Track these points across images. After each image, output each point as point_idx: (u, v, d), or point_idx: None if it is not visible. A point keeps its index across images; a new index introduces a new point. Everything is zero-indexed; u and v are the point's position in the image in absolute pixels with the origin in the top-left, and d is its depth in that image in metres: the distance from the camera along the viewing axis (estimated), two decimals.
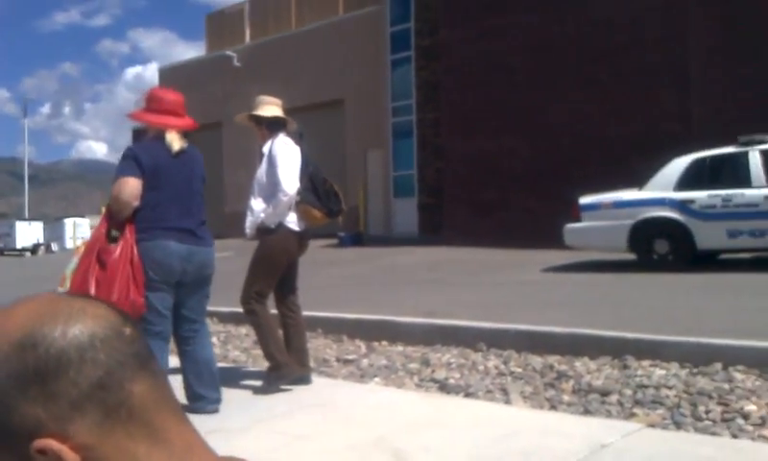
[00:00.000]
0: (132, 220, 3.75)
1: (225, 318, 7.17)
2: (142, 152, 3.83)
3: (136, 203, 3.74)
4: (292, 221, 4.41)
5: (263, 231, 4.44)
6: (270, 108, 4.57)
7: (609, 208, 9.16)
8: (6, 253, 37.69)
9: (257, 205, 4.45)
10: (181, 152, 3.90)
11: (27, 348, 0.60)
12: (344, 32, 20.98)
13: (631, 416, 3.69)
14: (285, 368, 4.41)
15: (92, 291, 3.56)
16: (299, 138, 4.58)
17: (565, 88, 13.46)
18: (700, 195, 8.63)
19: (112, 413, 0.61)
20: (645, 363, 4.45)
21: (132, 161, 3.77)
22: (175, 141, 3.87)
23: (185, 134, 4.01)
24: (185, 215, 3.88)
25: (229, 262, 7.17)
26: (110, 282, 3.59)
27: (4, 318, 0.62)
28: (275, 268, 4.46)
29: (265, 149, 4.50)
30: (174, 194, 3.84)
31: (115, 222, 3.76)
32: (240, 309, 7.23)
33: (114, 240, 3.71)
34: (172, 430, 0.64)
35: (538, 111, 13.77)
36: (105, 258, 3.62)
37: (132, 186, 3.72)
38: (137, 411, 0.63)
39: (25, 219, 43.43)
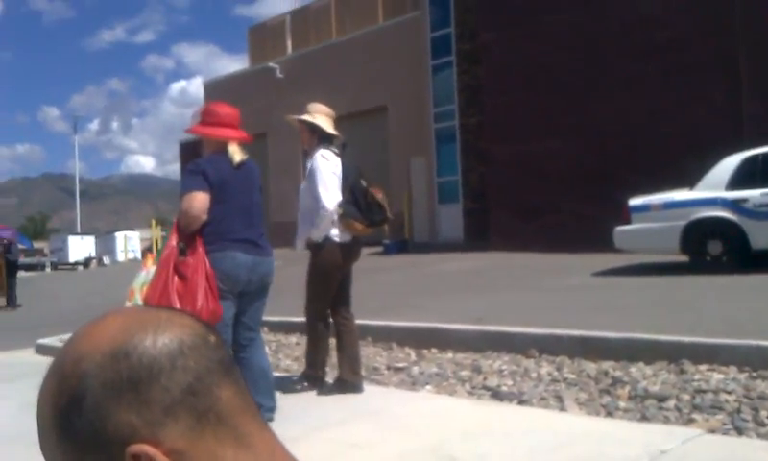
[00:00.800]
0: (199, 233, 3.83)
1: (275, 327, 7.26)
2: (209, 166, 3.89)
3: (205, 217, 3.81)
4: (336, 234, 4.49)
5: (311, 246, 4.55)
6: (320, 117, 4.63)
7: (659, 210, 8.99)
8: (59, 266, 38.69)
9: (303, 220, 4.58)
10: (242, 163, 3.97)
11: (120, 358, 0.62)
12: (384, 39, 21.07)
13: (689, 422, 3.62)
14: (318, 382, 4.70)
15: (176, 303, 3.63)
16: (341, 150, 4.64)
17: (611, 87, 13.28)
18: (753, 194, 8.42)
19: (202, 418, 0.62)
20: (702, 367, 4.36)
21: (199, 176, 3.84)
22: (237, 153, 3.95)
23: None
24: (249, 226, 3.96)
25: (279, 272, 7.23)
26: (193, 293, 3.66)
27: (94, 330, 0.65)
28: (328, 284, 4.58)
29: (307, 164, 4.59)
30: (237, 206, 3.92)
31: (183, 235, 3.83)
32: (291, 318, 7.37)
33: (182, 253, 3.79)
34: (255, 435, 0.66)
35: (583, 112, 13.60)
36: (183, 271, 3.70)
37: (200, 201, 3.79)
38: (225, 416, 0.64)
39: (77, 233, 44.58)
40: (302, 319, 7.21)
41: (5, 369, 6.76)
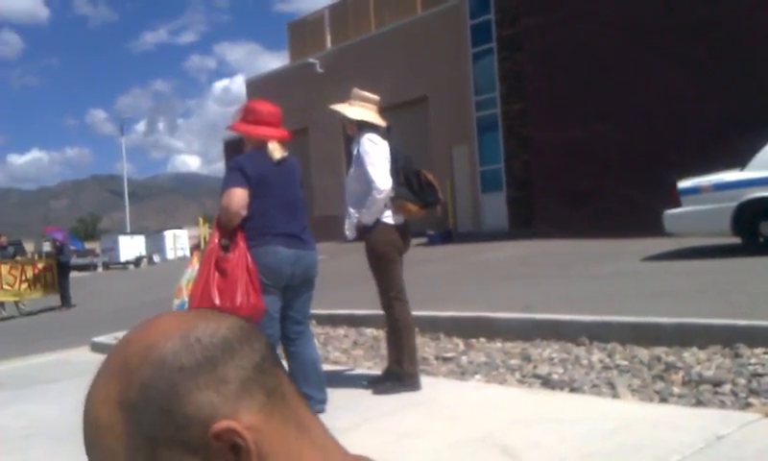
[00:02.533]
0: (241, 228, 3.90)
1: (322, 320, 7.32)
2: (247, 162, 3.97)
3: (244, 212, 3.88)
4: (388, 216, 4.44)
5: (362, 231, 4.48)
6: (361, 110, 4.59)
7: (710, 191, 8.79)
8: (111, 266, 39.61)
9: (353, 205, 4.51)
10: (283, 160, 4.03)
11: (192, 341, 0.63)
12: (424, 29, 20.99)
13: (746, 406, 3.54)
14: (408, 379, 4.40)
15: (216, 299, 3.71)
16: (386, 133, 4.57)
17: (658, 67, 12.99)
18: None
19: (272, 395, 0.64)
20: (758, 351, 4.26)
21: (238, 173, 3.92)
22: (276, 150, 4.00)
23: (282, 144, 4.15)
24: (291, 221, 4.01)
25: (323, 265, 7.30)
26: (233, 289, 3.73)
27: (152, 327, 0.66)
28: (390, 262, 4.45)
29: (354, 150, 4.54)
30: (278, 201, 3.97)
31: (225, 231, 3.91)
32: (338, 311, 7.42)
33: (226, 249, 3.86)
34: (310, 419, 0.68)
35: (629, 94, 13.35)
36: (224, 267, 3.77)
37: (239, 197, 3.87)
38: (288, 397, 0.66)
39: (127, 233, 45.54)
40: (349, 311, 7.32)
41: (61, 367, 6.97)
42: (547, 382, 4.39)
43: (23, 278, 14.98)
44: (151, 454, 0.60)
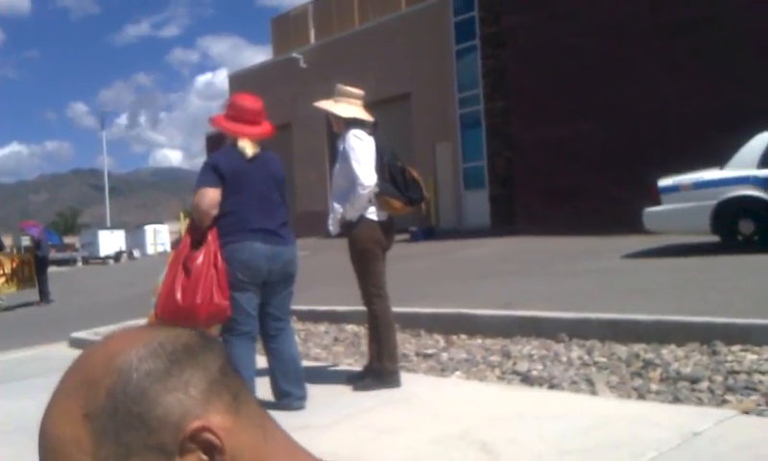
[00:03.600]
0: (213, 226, 3.88)
1: (304, 316, 7.30)
2: (221, 159, 3.97)
3: (215, 212, 3.87)
4: (372, 212, 4.41)
5: (346, 227, 4.46)
6: (349, 107, 4.56)
7: (689, 190, 8.87)
8: (90, 261, 39.28)
9: (338, 201, 4.49)
10: (255, 157, 4.00)
11: (156, 347, 0.63)
12: (407, 25, 20.99)
13: (723, 403, 3.58)
14: (389, 377, 4.39)
15: (179, 297, 3.70)
16: (373, 129, 4.55)
17: (639, 66, 13.09)
18: None
19: (237, 396, 0.65)
20: (735, 348, 4.30)
21: (211, 171, 3.92)
22: (247, 148, 3.99)
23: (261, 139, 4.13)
24: (268, 217, 3.99)
25: (305, 261, 7.28)
26: (194, 287, 3.72)
27: (111, 341, 0.65)
28: (373, 259, 4.43)
29: (339, 145, 4.53)
30: (255, 197, 3.95)
31: (198, 230, 3.90)
32: (319, 307, 7.40)
33: (197, 246, 3.85)
34: (273, 423, 0.68)
35: (611, 92, 13.43)
36: (189, 265, 3.76)
37: (210, 197, 3.87)
38: (250, 401, 0.67)
39: (107, 228, 45.16)
40: (330, 307, 7.30)
41: (39, 363, 6.90)
42: (527, 379, 4.40)
43: (0, 272, 14.82)
44: None
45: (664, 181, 9.15)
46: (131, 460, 0.59)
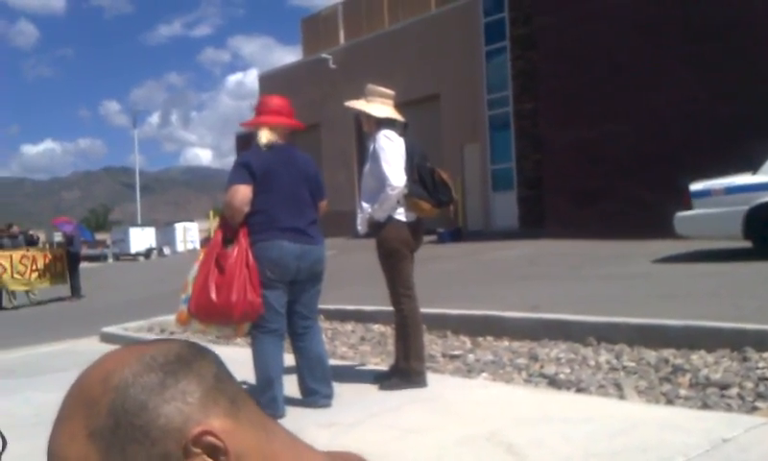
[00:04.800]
0: (244, 224, 3.92)
1: (331, 315, 7.33)
2: (253, 158, 4.01)
3: (247, 209, 3.91)
4: (400, 213, 4.42)
5: (374, 227, 4.47)
6: (382, 107, 4.57)
7: (721, 194, 8.75)
8: (121, 257, 39.79)
9: (367, 201, 4.51)
10: (270, 146, 4.03)
11: (149, 361, 0.65)
12: (437, 26, 20.96)
13: (753, 410, 3.53)
14: (415, 377, 4.38)
15: (213, 295, 3.74)
16: (403, 130, 4.56)
17: (672, 69, 12.93)
18: None
19: (234, 400, 0.67)
20: (767, 355, 4.24)
21: (242, 169, 3.96)
22: (263, 136, 4.03)
23: (292, 135, 4.18)
24: (296, 215, 4.02)
25: (333, 261, 7.31)
26: (229, 285, 3.76)
27: (105, 360, 0.67)
28: (401, 260, 4.43)
29: (369, 145, 4.54)
30: (284, 195, 3.99)
31: (230, 227, 3.94)
32: (347, 306, 7.43)
33: (229, 244, 3.89)
34: (274, 424, 0.70)
35: (642, 95, 13.28)
36: (222, 263, 3.80)
37: (242, 194, 3.91)
38: (249, 403, 0.69)
39: (138, 225, 45.67)
40: (358, 307, 7.32)
41: (70, 356, 7.01)
42: (554, 382, 4.38)
43: (34, 267, 15.08)
44: None
45: (696, 186, 9.03)
46: None
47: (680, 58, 12.85)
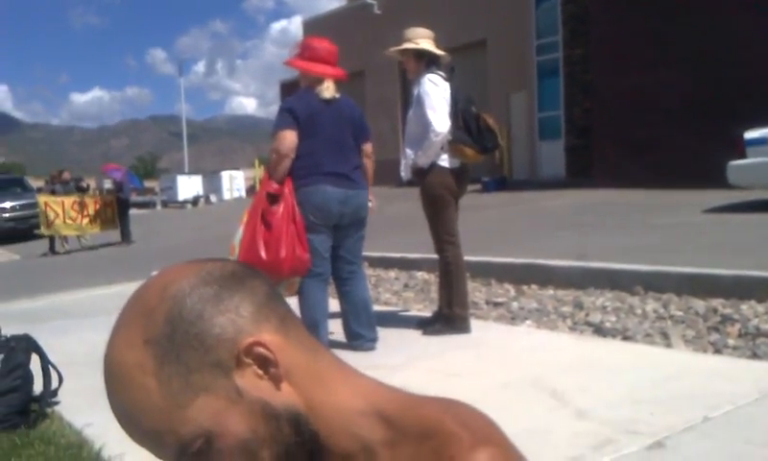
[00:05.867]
0: (289, 175, 3.92)
1: (374, 263, 7.37)
2: (296, 103, 4.00)
3: (293, 154, 3.91)
4: (444, 160, 4.38)
5: (417, 173, 4.44)
6: (423, 41, 4.50)
7: None
8: (169, 205, 40.49)
9: (411, 147, 4.47)
10: (333, 100, 4.02)
11: (205, 275, 0.67)
12: None
13: None
14: (459, 323, 4.41)
15: (262, 251, 3.76)
16: (450, 73, 4.48)
17: (729, 14, 12.43)
18: None
19: (285, 320, 0.69)
20: None
21: (287, 114, 3.95)
22: (328, 90, 4.00)
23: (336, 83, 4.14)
24: (340, 160, 4.01)
25: (376, 209, 7.32)
26: (278, 242, 3.78)
27: (163, 274, 0.69)
28: (444, 205, 4.41)
29: (414, 90, 4.48)
30: (328, 140, 3.98)
31: (276, 177, 3.93)
32: (390, 254, 7.46)
33: (275, 200, 3.89)
34: (321, 346, 0.72)
35: (696, 40, 12.82)
36: (269, 219, 3.81)
37: (289, 140, 3.91)
38: (298, 325, 0.71)
39: (185, 173, 46.28)
40: (401, 254, 7.35)
41: (122, 299, 7.12)
42: (599, 330, 4.36)
43: (85, 213, 15.43)
44: (185, 381, 0.63)
45: (751, 134, 8.74)
46: (191, 377, 0.63)
47: (736, 2, 12.33)
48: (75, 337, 5.36)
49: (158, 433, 0.64)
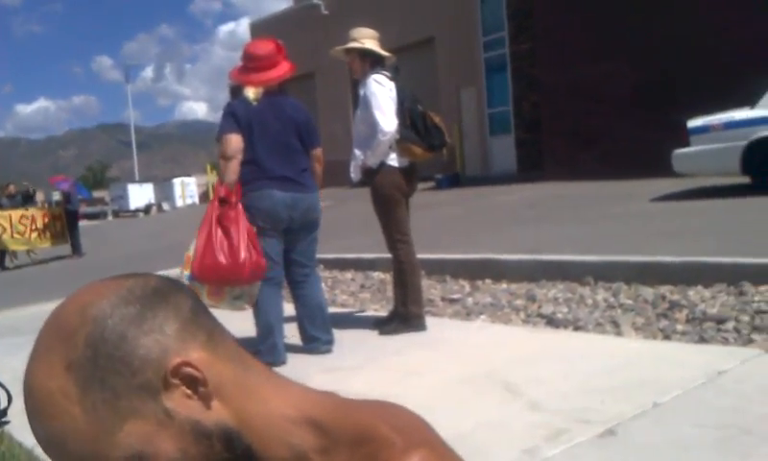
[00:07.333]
0: (239, 182, 3.89)
1: (330, 264, 7.36)
2: (238, 107, 3.99)
3: (240, 156, 3.89)
4: (393, 159, 4.40)
5: (367, 173, 4.46)
6: (367, 41, 4.51)
7: (719, 130, 8.69)
8: (121, 214, 39.81)
9: (359, 147, 4.48)
10: (258, 101, 4.00)
11: (126, 295, 0.64)
12: None
13: (749, 342, 3.57)
14: (414, 321, 4.44)
15: (221, 257, 3.69)
16: (395, 73, 4.50)
17: (668, 3, 12.72)
18: None
19: (212, 334, 0.67)
20: (763, 288, 4.26)
21: (230, 117, 3.95)
22: (250, 93, 4.01)
23: (284, 83, 4.12)
24: (286, 163, 4.00)
25: (330, 211, 7.31)
26: (236, 246, 3.73)
27: (80, 294, 0.66)
28: (394, 205, 4.43)
29: (360, 91, 4.49)
30: (273, 144, 3.97)
31: (227, 180, 3.89)
32: (346, 255, 7.46)
33: (227, 205, 3.85)
34: (252, 359, 0.70)
35: (639, 31, 13.09)
36: (226, 224, 3.76)
37: (234, 142, 3.90)
38: (226, 337, 0.69)
39: (136, 181, 45.59)
40: (357, 255, 7.35)
41: None
42: (552, 321, 4.42)
43: (33, 227, 15.06)
44: (111, 406, 0.61)
45: (694, 122, 8.97)
46: (118, 402, 0.61)
47: None
48: (24, 355, 5.20)
49: (87, 460, 0.62)
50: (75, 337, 0.62)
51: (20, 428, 3.37)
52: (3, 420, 3.48)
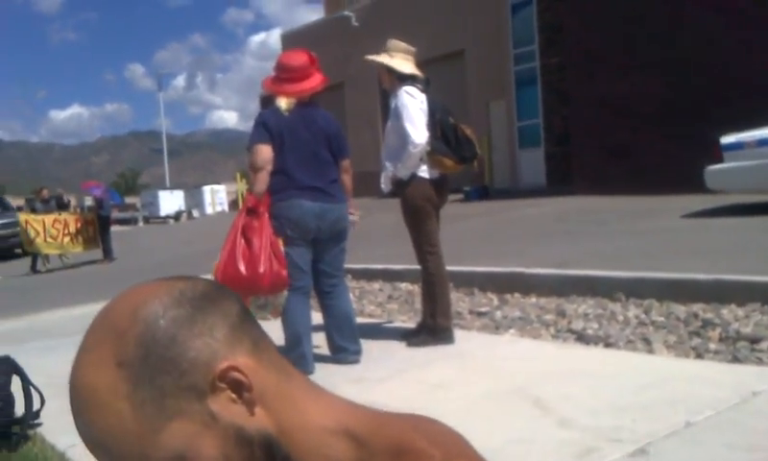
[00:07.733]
0: (268, 192, 3.93)
1: (358, 275, 7.38)
2: (270, 117, 4.02)
3: (270, 167, 3.92)
4: (423, 171, 4.40)
5: (397, 185, 4.46)
6: (404, 63, 4.52)
7: (753, 147, 8.56)
8: (151, 220, 40.26)
9: (389, 159, 4.49)
10: (291, 111, 4.03)
11: (178, 297, 0.66)
12: None
13: None
14: (443, 333, 4.43)
15: (241, 267, 3.74)
16: (425, 86, 4.51)
17: (700, 17, 12.59)
18: None
19: (257, 342, 0.68)
20: None
21: (261, 128, 3.98)
22: (282, 103, 4.04)
23: (315, 94, 4.15)
24: (316, 174, 4.03)
25: (360, 221, 7.32)
26: (257, 257, 3.77)
27: (132, 293, 0.67)
28: (425, 217, 4.43)
29: (392, 102, 4.50)
30: (303, 155, 4.00)
31: (256, 191, 3.93)
32: (374, 266, 7.47)
33: (254, 215, 3.88)
34: (293, 369, 0.71)
35: (671, 46, 12.97)
36: (249, 235, 3.80)
37: (264, 152, 3.93)
38: (271, 347, 0.70)
39: (167, 188, 46.09)
40: (385, 266, 7.35)
41: None
42: (582, 337, 4.38)
43: (66, 231, 15.29)
44: (158, 405, 0.62)
45: (727, 139, 8.85)
46: (165, 401, 0.62)
47: (710, 6, 12.48)
48: (57, 357, 5.29)
49: (130, 458, 0.63)
50: (126, 336, 0.63)
51: (53, 431, 3.41)
52: (35, 422, 3.53)
